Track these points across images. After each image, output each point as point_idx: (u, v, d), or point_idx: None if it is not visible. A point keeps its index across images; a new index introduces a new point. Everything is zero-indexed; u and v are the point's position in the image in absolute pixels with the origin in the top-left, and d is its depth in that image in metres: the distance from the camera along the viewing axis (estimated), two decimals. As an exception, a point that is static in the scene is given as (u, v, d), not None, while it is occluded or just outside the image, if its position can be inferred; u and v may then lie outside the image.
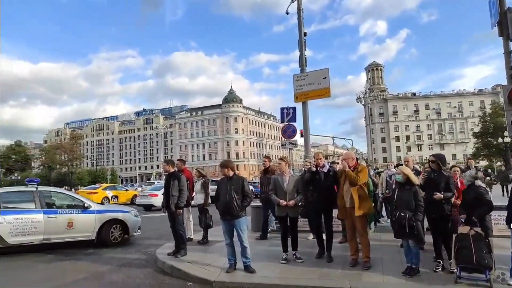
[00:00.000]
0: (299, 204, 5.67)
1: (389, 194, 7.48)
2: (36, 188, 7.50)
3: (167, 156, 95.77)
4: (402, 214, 4.67)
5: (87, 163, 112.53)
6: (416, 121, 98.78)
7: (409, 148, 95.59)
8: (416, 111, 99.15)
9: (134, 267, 6.09)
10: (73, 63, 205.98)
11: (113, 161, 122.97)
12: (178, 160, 8.18)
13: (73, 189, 42.75)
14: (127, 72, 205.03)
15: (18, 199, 7.33)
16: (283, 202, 5.54)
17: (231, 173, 5.32)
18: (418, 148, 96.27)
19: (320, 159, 5.82)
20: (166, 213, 6.63)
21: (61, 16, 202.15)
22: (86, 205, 7.89)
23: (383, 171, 9.92)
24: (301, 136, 12.01)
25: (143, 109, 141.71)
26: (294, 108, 10.58)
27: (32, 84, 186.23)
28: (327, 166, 5.89)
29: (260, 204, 8.19)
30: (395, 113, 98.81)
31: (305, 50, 10.73)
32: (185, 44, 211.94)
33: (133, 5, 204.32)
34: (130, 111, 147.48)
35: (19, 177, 66.68)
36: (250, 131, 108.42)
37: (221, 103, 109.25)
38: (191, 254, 6.28)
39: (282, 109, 10.63)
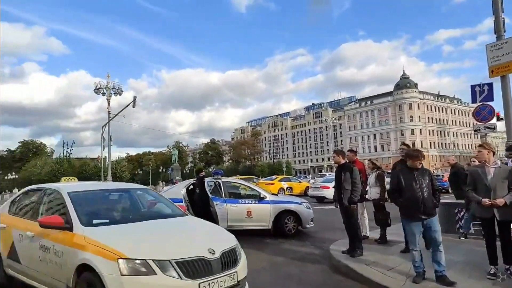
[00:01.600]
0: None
1: None
2: (220, 179, 8.39)
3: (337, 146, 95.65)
4: None
5: (265, 157, 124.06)
6: None
7: None
8: None
9: (308, 261, 6.02)
10: (253, 68, 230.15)
11: (287, 154, 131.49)
12: (349, 150, 7.71)
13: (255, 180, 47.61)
14: (298, 70, 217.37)
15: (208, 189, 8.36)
16: (486, 201, 4.38)
17: (419, 165, 4.56)
18: None
19: None
20: (338, 207, 6.29)
21: (241, 28, 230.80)
22: (261, 196, 8.36)
23: None
24: (498, 119, 9.65)
25: (312, 103, 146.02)
26: (490, 85, 8.50)
27: (222, 91, 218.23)
28: None
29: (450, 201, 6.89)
30: None
31: (503, 12, 8.50)
32: (353, 34, 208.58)
33: (302, 7, 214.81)
34: (300, 106, 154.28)
35: (213, 170, 79.50)
36: (428, 118, 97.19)
37: (392, 90, 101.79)
38: (368, 255, 5.74)
39: (473, 86, 8.69)
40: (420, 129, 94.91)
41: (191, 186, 8.69)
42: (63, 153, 60.49)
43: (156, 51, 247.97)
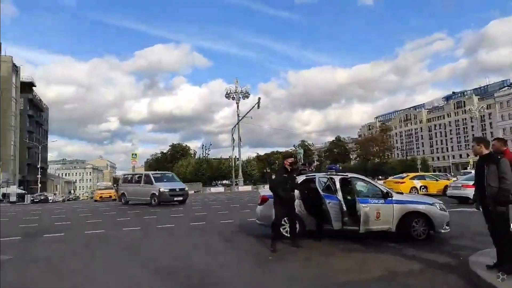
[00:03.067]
0: None
1: None
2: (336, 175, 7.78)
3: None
4: None
5: (397, 153, 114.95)
6: None
7: None
8: None
9: (439, 273, 4.97)
10: (381, 60, 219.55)
11: (423, 150, 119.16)
12: (495, 139, 6.21)
13: (377, 178, 44.41)
14: (435, 57, 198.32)
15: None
16: None
17: None
18: None
19: None
20: (480, 210, 5.04)
21: (369, 20, 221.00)
22: (384, 193, 7.45)
23: None
24: None
25: (453, 92, 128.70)
26: None
27: (349, 87, 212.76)
28: None
29: None
30: None
31: None
32: (503, 9, 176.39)
33: None
34: (438, 97, 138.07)
35: (340, 167, 77.84)
36: None
37: None
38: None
39: None
40: None
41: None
42: (203, 154, 67.83)
43: (283, 55, 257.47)
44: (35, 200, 44.91)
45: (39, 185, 62.14)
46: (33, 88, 77.31)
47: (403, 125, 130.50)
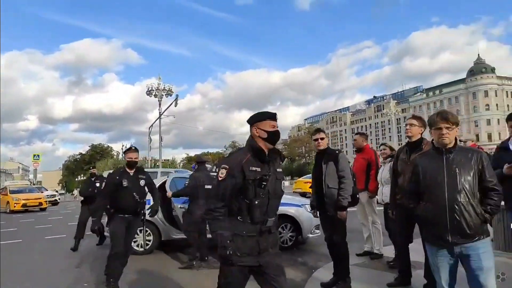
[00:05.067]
0: None
1: None
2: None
3: (401, 144, 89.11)
4: None
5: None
6: None
7: None
8: None
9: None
10: (316, 64, 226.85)
11: (346, 151, 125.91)
12: (357, 134, 5.73)
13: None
14: (363, 64, 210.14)
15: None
16: None
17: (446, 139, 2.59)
18: None
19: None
20: (318, 216, 4.24)
21: (305, 25, 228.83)
22: None
23: None
24: None
25: (374, 96, 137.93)
26: None
27: (284, 89, 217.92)
28: None
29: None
30: None
31: None
32: (424, 21, 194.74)
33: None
34: (362, 101, 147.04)
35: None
36: (508, 106, 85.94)
37: (464, 77, 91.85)
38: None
39: None
40: (498, 119, 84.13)
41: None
42: (121, 155, 63.65)
43: (221, 55, 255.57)
44: None
45: None
46: None
47: (329, 127, 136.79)
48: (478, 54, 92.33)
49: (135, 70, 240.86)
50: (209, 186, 4.92)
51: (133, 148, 4.74)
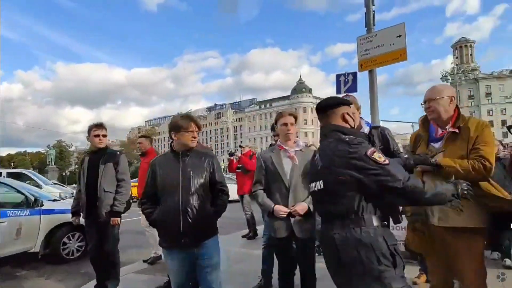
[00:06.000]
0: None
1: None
2: None
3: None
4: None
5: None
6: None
7: (505, 135, 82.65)
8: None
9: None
10: (161, 67, 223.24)
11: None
12: (141, 136, 5.94)
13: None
14: (208, 72, 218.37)
15: None
16: (281, 210, 2.78)
17: (191, 142, 2.68)
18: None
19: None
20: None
21: (152, 26, 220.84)
22: (32, 202, 5.56)
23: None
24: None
25: (215, 104, 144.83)
26: (354, 74, 7.75)
27: (126, 88, 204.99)
28: (367, 129, 3.01)
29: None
30: (488, 94, 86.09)
31: (373, 5, 7.78)
32: (262, 41, 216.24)
33: (213, 10, 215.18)
34: (204, 107, 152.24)
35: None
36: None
37: (290, 94, 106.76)
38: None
39: (338, 76, 7.79)
40: (313, 132, 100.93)
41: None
42: None
43: (51, 42, 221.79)
44: None
45: None
46: None
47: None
48: (300, 76, 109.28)
49: None
50: None
51: None
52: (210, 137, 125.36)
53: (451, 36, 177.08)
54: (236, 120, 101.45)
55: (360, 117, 3.11)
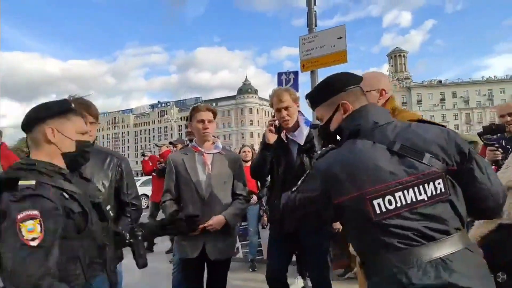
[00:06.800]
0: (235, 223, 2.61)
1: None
2: None
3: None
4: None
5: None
6: (442, 110, 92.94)
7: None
8: (442, 99, 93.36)
9: None
10: (101, 59, 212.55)
11: (128, 153, 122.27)
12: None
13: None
14: (152, 68, 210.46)
15: None
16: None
17: None
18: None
19: (284, 108, 2.45)
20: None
21: (92, 15, 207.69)
22: None
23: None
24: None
25: (158, 101, 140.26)
26: (295, 73, 7.68)
27: (62, 81, 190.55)
28: (306, 129, 2.50)
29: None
30: (419, 102, 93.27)
31: (315, 5, 7.66)
32: (208, 39, 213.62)
33: (160, 3, 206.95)
34: (147, 104, 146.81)
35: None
36: (266, 123, 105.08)
37: (236, 94, 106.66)
38: None
39: (279, 74, 7.63)
40: (259, 133, 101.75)
41: None
42: None
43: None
44: None
45: None
46: None
47: (111, 128, 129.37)
48: (246, 76, 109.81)
49: None
50: None
51: None
52: (153, 136, 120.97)
53: (387, 46, 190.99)
54: (181, 118, 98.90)
55: (299, 112, 2.56)
